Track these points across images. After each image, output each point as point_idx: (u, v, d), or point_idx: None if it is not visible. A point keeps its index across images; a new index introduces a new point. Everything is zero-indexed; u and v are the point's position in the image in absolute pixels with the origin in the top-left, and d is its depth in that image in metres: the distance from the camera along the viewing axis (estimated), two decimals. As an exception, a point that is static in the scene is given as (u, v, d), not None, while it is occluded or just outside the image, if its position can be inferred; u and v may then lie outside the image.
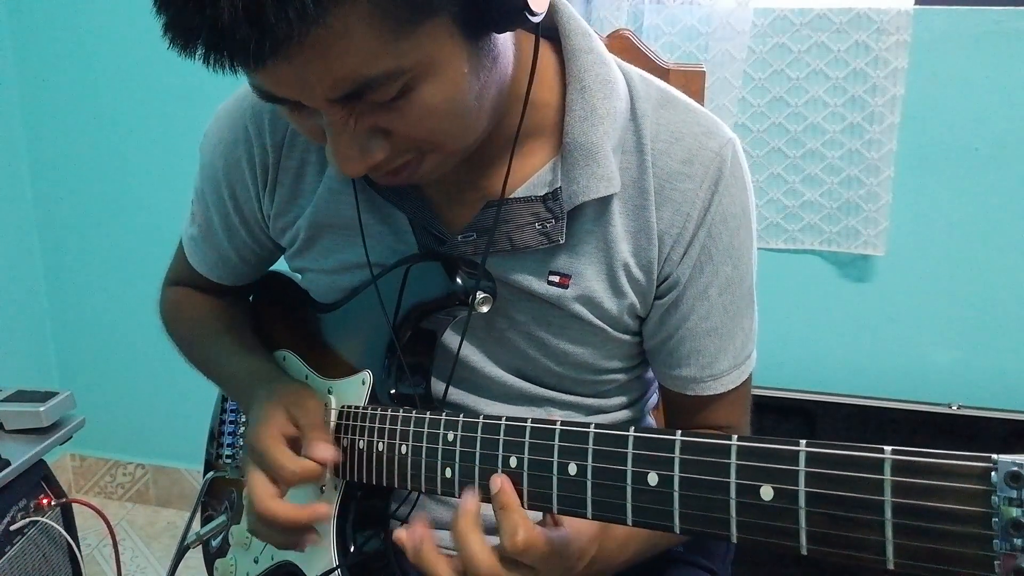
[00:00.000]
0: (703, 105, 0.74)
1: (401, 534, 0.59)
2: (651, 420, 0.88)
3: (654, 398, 0.87)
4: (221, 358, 0.83)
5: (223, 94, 0.79)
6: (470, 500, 0.57)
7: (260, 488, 0.66)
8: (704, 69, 0.96)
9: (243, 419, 0.89)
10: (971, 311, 1.51)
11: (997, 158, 1.44)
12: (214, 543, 0.89)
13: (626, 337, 0.74)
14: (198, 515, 0.92)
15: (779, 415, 1.46)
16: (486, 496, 0.57)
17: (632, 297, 0.70)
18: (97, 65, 1.79)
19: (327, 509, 0.69)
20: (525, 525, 0.54)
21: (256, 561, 0.81)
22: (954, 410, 1.39)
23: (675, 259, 0.68)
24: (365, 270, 0.72)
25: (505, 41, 0.59)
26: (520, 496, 0.55)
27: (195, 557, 0.93)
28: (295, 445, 0.68)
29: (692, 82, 0.93)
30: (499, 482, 0.55)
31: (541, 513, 0.57)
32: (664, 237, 0.68)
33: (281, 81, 0.51)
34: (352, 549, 0.68)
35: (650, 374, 0.82)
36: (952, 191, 1.47)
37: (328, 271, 0.77)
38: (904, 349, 1.55)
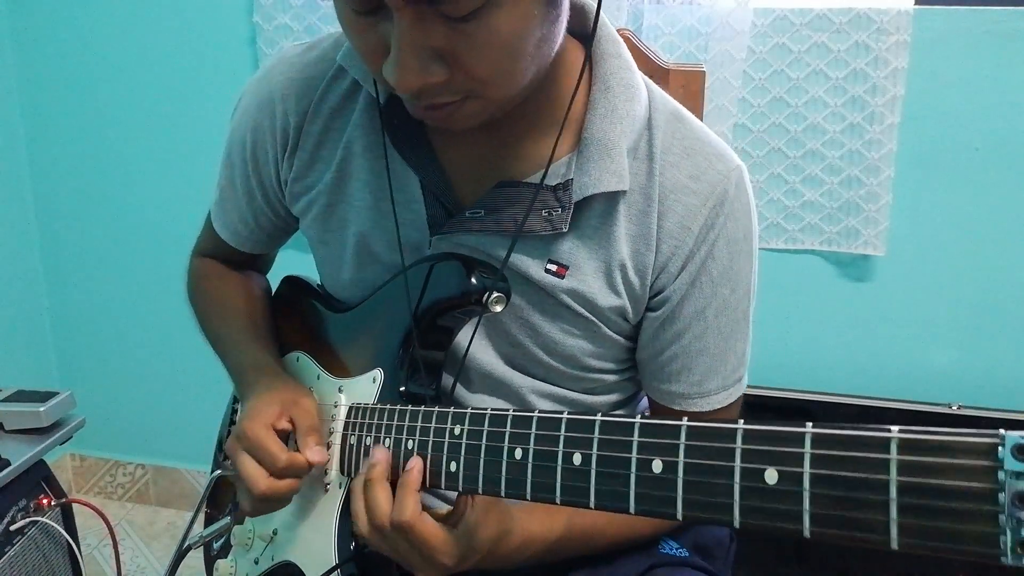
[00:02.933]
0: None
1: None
2: None
3: (645, 400, 0.87)
4: (229, 342, 0.86)
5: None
6: (381, 453, 0.65)
7: (252, 470, 0.69)
8: (704, 69, 0.96)
9: None
10: (971, 311, 1.51)
11: (997, 158, 1.44)
12: (216, 545, 0.89)
13: (618, 338, 0.75)
14: (201, 516, 0.91)
15: (779, 415, 1.45)
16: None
17: (625, 299, 0.72)
18: (97, 65, 1.79)
19: (322, 454, 0.72)
20: (414, 509, 0.60)
21: (256, 562, 0.81)
22: (954, 410, 1.39)
23: (672, 272, 0.70)
24: (372, 244, 0.75)
25: (565, 11, 0.60)
26: (523, 488, 0.55)
27: (194, 557, 0.93)
28: (285, 440, 0.72)
29: (692, 82, 0.93)
30: (413, 463, 0.62)
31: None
32: (662, 246, 0.69)
33: None
34: (352, 548, 0.69)
35: None
36: (952, 191, 1.47)
37: (339, 243, 0.78)
38: (904, 349, 1.55)
